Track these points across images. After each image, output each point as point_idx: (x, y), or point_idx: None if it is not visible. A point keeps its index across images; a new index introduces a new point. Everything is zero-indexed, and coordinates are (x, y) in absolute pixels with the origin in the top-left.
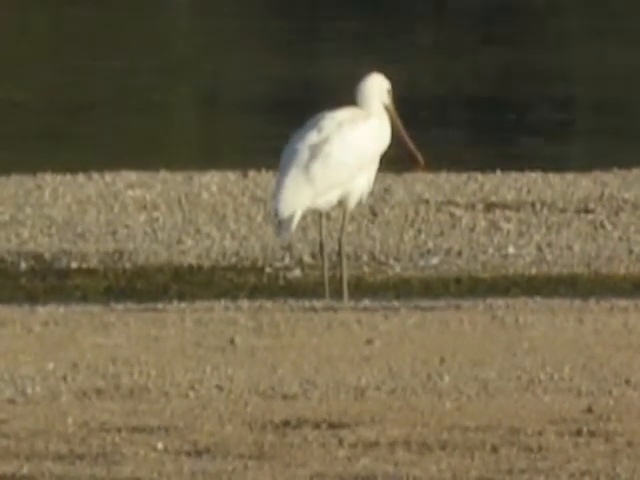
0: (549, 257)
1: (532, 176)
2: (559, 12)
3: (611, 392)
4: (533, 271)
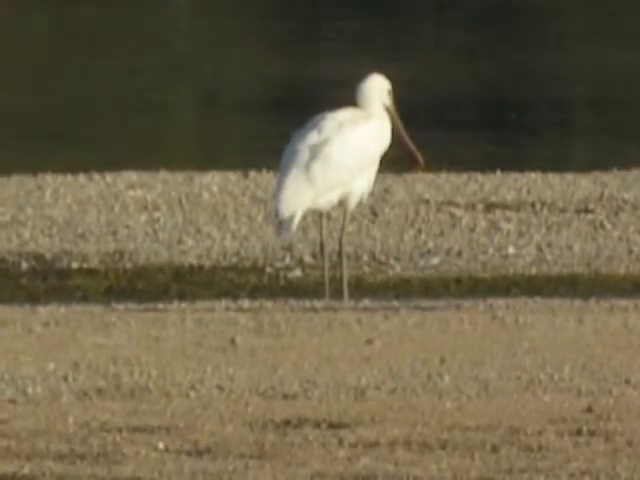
0: (549, 257)
1: (532, 176)
2: (559, 12)
3: (611, 392)
4: (533, 271)
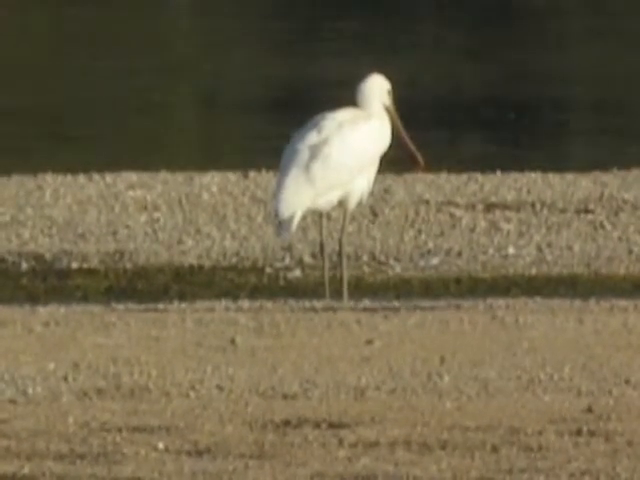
0: (549, 257)
1: (532, 176)
2: (559, 12)
3: (611, 392)
4: (533, 271)
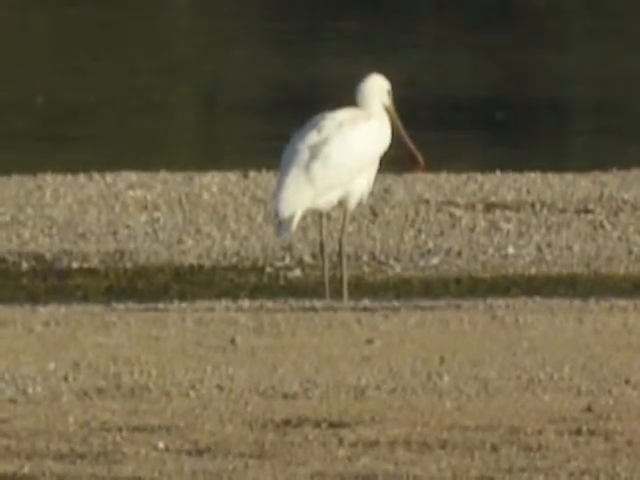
0: (549, 257)
1: (532, 176)
2: (559, 13)
3: (611, 391)
4: (533, 271)
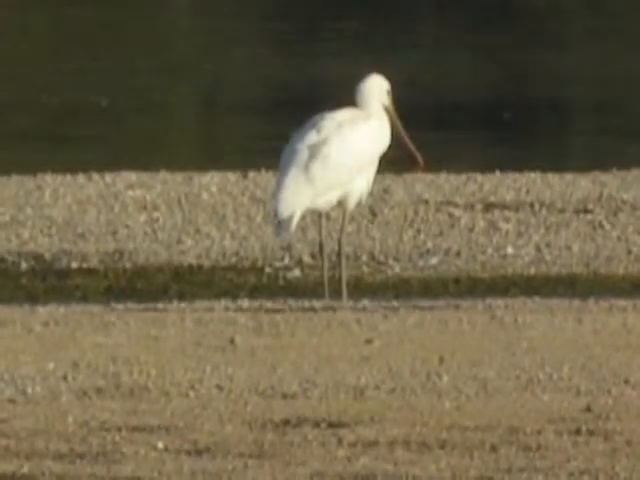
0: (548, 257)
1: (531, 176)
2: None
3: (610, 391)
4: (532, 271)
